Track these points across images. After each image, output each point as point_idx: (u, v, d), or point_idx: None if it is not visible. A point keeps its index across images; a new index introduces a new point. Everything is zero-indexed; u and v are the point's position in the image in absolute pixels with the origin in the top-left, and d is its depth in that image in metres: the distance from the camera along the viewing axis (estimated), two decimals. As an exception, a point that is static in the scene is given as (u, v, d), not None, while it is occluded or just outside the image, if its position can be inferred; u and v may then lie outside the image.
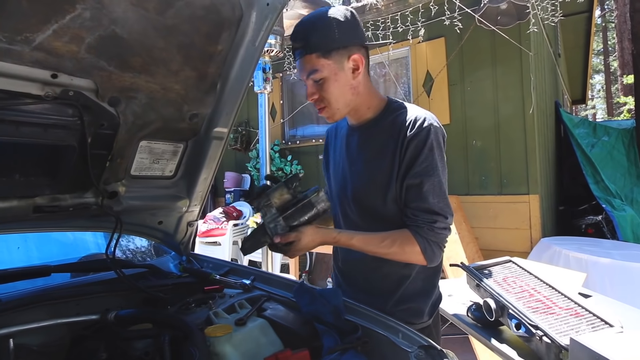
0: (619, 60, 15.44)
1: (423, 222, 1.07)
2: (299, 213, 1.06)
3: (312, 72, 1.08)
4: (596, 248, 3.09)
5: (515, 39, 3.72)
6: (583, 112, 22.11)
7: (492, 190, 3.95)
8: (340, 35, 1.07)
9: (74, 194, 1.20)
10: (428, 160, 1.06)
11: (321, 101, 1.12)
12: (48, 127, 1.03)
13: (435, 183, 1.07)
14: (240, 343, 0.94)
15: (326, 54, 1.06)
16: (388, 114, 1.16)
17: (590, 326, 1.05)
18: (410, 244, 1.07)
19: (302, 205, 1.06)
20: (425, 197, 1.06)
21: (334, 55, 1.07)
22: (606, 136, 5.16)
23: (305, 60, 1.08)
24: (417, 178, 1.07)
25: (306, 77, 1.10)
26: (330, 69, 1.08)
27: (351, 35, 1.09)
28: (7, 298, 1.06)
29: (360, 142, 1.19)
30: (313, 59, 1.07)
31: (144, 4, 0.93)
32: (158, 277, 1.40)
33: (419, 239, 1.06)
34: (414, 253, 1.07)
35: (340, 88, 1.10)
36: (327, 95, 1.10)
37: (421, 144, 1.06)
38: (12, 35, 0.82)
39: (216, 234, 4.91)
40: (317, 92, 1.11)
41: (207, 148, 1.39)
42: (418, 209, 1.08)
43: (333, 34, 1.06)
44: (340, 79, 1.09)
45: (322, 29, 1.06)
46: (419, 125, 1.07)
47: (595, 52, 19.16)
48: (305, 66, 1.09)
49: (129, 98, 1.10)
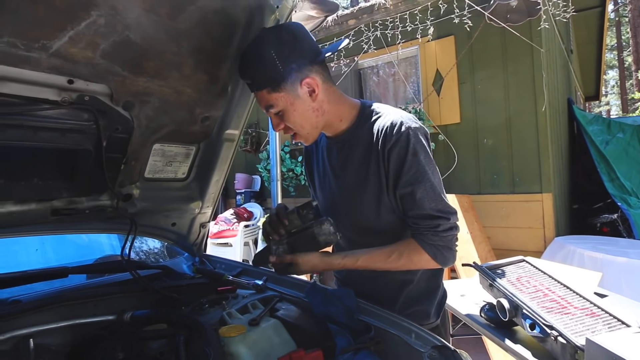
0: (633, 55, 15.15)
1: (425, 229, 1.03)
2: (302, 241, 1.10)
3: (269, 107, 1.05)
4: (612, 247, 3.04)
5: (526, 35, 3.68)
6: (597, 109, 21.74)
7: (504, 189, 3.91)
8: (284, 65, 0.99)
9: (90, 197, 1.23)
10: (414, 166, 1.02)
11: (289, 129, 1.09)
12: (65, 131, 1.06)
13: (427, 188, 1.02)
14: (253, 343, 0.95)
15: (276, 88, 1.01)
16: (362, 122, 1.11)
17: (606, 326, 1.04)
18: (417, 254, 1.04)
19: (305, 235, 1.09)
20: (421, 204, 1.02)
21: (284, 86, 1.01)
22: (621, 133, 5.07)
23: (258, 96, 1.06)
24: (407, 187, 1.03)
25: (265, 111, 1.07)
26: (284, 101, 1.03)
27: (296, 59, 1.01)
28: (27, 299, 1.09)
29: (341, 157, 1.15)
30: (265, 95, 1.03)
31: (156, 10, 0.95)
32: (172, 278, 1.41)
33: (425, 246, 1.03)
34: (424, 261, 1.05)
35: (302, 114, 1.06)
36: (291, 124, 1.07)
37: (403, 152, 1.01)
38: (29, 42, 0.84)
39: (227, 235, 4.95)
40: (281, 122, 1.08)
41: (219, 150, 1.40)
42: (416, 216, 1.04)
43: (275, 67, 0.99)
44: (299, 106, 1.04)
45: (262, 64, 1.00)
46: (397, 131, 1.02)
47: (609, 47, 18.85)
48: (261, 101, 1.06)
49: (143, 102, 1.12)
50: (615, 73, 22.20)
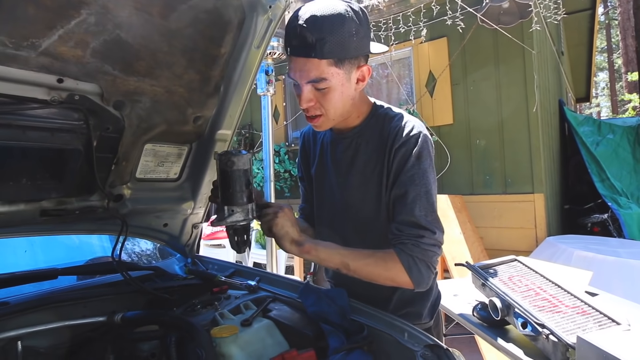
0: (623, 57, 15.36)
1: (407, 238, 0.96)
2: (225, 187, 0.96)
3: (319, 80, 0.94)
4: (602, 246, 3.07)
5: (517, 37, 3.71)
6: (587, 110, 21.99)
7: (496, 189, 3.93)
8: (357, 44, 0.94)
9: (80, 197, 1.21)
10: (414, 168, 0.98)
11: (317, 109, 1.00)
12: (54, 131, 1.04)
13: (421, 193, 0.97)
14: (246, 344, 0.94)
15: (338, 63, 0.93)
16: (374, 120, 1.09)
17: (597, 324, 1.05)
18: (392, 261, 0.95)
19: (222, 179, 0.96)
20: (411, 208, 0.97)
21: (347, 64, 0.95)
22: (611, 134, 5.13)
23: (311, 63, 0.92)
24: (402, 188, 0.99)
25: (306, 82, 0.95)
26: (339, 79, 0.95)
27: (366, 44, 0.97)
28: (15, 301, 1.07)
29: (348, 153, 1.12)
30: (323, 66, 0.92)
31: (147, 9, 0.94)
32: (164, 279, 1.40)
33: (403, 256, 0.95)
34: (394, 272, 0.95)
35: (343, 98, 0.99)
36: (328, 105, 0.99)
37: (408, 152, 0.99)
38: (18, 41, 0.83)
39: (221, 237, 4.92)
40: (316, 100, 0.98)
41: (211, 150, 1.39)
42: (403, 222, 0.98)
43: (351, 42, 0.92)
44: (345, 90, 0.98)
45: (340, 33, 0.90)
46: (407, 132, 1.01)
47: (599, 49, 19.09)
48: (309, 70, 0.93)
49: (134, 101, 1.11)
50: (606, 75, 22.48)
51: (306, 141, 1.29)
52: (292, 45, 0.94)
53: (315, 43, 0.90)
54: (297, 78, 0.97)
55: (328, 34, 0.90)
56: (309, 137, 1.28)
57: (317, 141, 1.24)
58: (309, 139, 1.28)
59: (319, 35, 0.90)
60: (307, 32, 0.90)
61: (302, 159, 1.31)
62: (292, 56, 0.95)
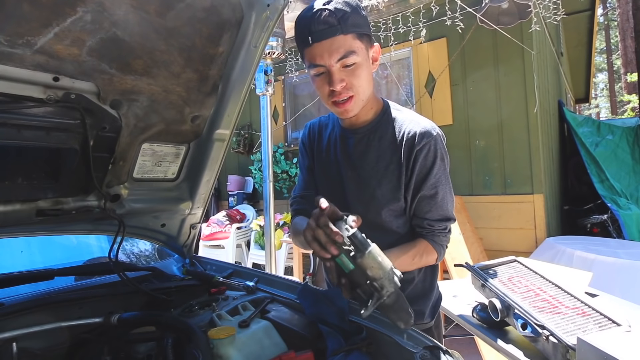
0: (622, 58, 15.38)
1: (439, 231, 1.10)
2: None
3: (348, 54, 0.96)
4: (602, 247, 3.06)
5: (517, 38, 3.71)
6: (587, 111, 22.03)
7: (496, 190, 3.93)
8: (368, 24, 1.03)
9: (77, 197, 1.20)
10: (440, 170, 1.07)
11: (349, 89, 1.01)
12: (50, 130, 1.03)
13: (447, 191, 1.10)
14: (243, 345, 0.93)
15: (360, 37, 0.99)
16: (387, 118, 1.12)
17: (597, 325, 1.04)
18: (431, 254, 1.11)
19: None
20: (441, 205, 1.09)
21: (365, 40, 1.01)
22: (610, 135, 5.13)
23: (338, 40, 0.95)
24: (432, 189, 1.08)
25: (336, 60, 0.97)
26: (363, 54, 1.00)
27: (369, 26, 1.06)
28: (10, 302, 1.06)
29: (360, 147, 1.13)
30: (349, 40, 0.96)
31: (144, 7, 0.93)
32: (161, 280, 1.39)
33: (437, 247, 1.11)
34: (431, 259, 1.12)
35: (369, 78, 1.04)
36: (358, 82, 1.00)
37: (432, 156, 1.06)
38: (13, 38, 0.82)
39: (220, 237, 4.92)
40: (347, 78, 1.00)
41: (209, 150, 1.38)
42: (434, 218, 1.09)
43: (365, 19, 1.01)
44: (367, 67, 1.03)
45: (357, 10, 0.99)
46: (427, 135, 1.05)
47: (598, 50, 19.11)
48: (339, 47, 0.96)
49: (131, 101, 1.11)
50: (605, 76, 22.52)
51: (311, 132, 1.28)
52: (316, 31, 0.96)
53: (339, 21, 0.95)
54: (325, 60, 0.98)
55: (347, 11, 0.96)
56: (314, 130, 1.28)
57: (323, 136, 1.24)
58: (315, 132, 1.27)
59: (342, 14, 0.96)
60: (332, 16, 0.95)
61: (308, 152, 1.28)
62: (316, 42, 0.97)
